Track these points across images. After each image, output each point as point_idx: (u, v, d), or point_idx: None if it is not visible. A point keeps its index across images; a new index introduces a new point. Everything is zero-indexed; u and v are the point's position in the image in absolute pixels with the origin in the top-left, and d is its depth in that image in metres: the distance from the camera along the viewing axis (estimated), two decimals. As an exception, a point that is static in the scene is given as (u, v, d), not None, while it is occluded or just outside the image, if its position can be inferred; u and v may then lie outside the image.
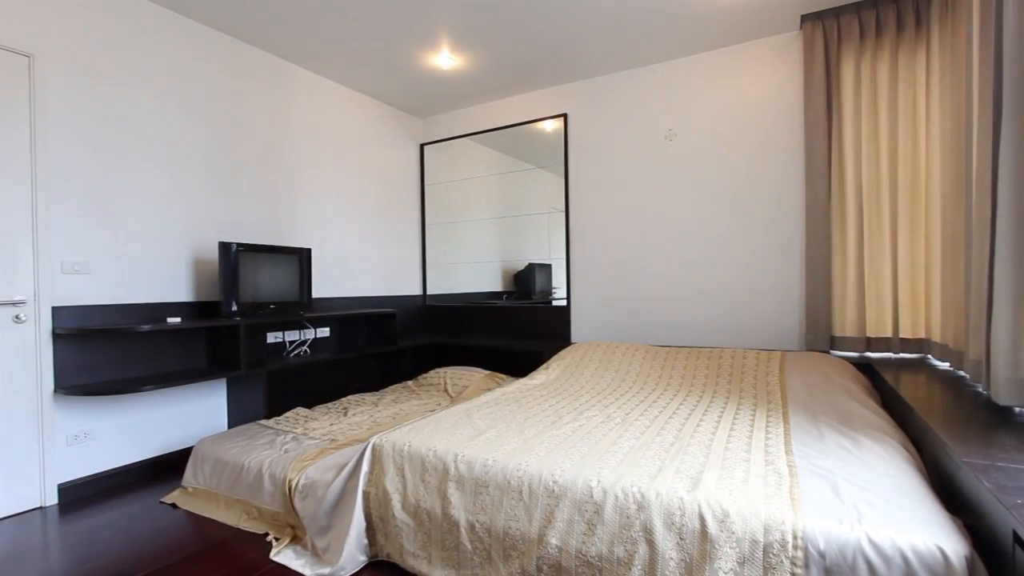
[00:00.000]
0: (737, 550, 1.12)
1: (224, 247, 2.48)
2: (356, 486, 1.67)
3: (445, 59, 3.06)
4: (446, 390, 3.09)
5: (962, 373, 2.03)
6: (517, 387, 2.45)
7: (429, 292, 4.11)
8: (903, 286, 2.45)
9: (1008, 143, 1.38)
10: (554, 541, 1.32)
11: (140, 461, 2.38)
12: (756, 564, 1.11)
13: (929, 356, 2.41)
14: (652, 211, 3.19)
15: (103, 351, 2.25)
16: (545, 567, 1.33)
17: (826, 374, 2.19)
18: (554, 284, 3.60)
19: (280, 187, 3.03)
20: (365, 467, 1.69)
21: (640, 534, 1.23)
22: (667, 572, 1.18)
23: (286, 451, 2.04)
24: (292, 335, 3.04)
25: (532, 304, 3.69)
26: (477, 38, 2.82)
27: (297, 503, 1.76)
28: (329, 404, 2.82)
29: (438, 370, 3.36)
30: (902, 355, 2.48)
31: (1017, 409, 1.47)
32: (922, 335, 2.42)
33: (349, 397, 2.95)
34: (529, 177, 3.71)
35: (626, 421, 1.85)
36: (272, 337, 2.94)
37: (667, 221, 3.14)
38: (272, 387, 2.88)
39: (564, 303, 3.50)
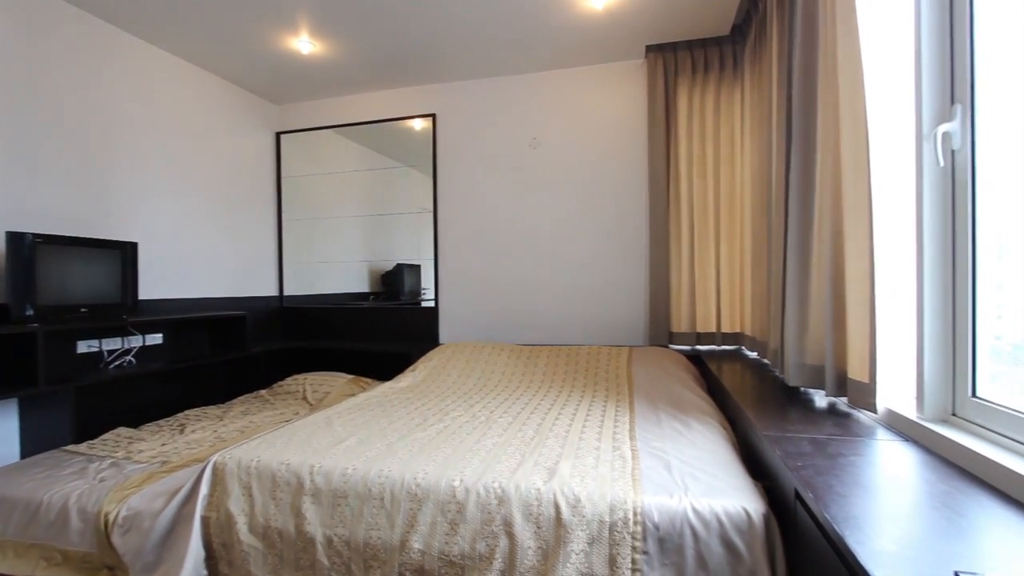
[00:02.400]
0: (587, 532, 1.22)
1: (15, 238, 2.04)
2: (193, 512, 1.49)
3: (304, 44, 2.86)
4: (305, 398, 2.89)
5: (766, 361, 2.43)
6: (382, 391, 2.39)
7: (287, 293, 3.80)
8: (724, 288, 2.86)
9: (796, 172, 1.69)
10: (417, 545, 1.31)
11: None
12: (603, 542, 1.21)
13: (743, 347, 2.85)
14: (518, 215, 3.32)
15: None
16: (408, 573, 1.31)
17: (664, 366, 2.47)
18: (423, 285, 3.57)
19: (99, 170, 2.57)
20: (204, 489, 1.51)
21: (501, 528, 1.27)
22: (526, 561, 1.23)
23: (102, 480, 1.74)
24: (113, 343, 2.60)
25: (400, 305, 3.61)
26: (339, 26, 2.69)
27: (116, 539, 1.51)
28: (162, 421, 2.47)
29: (296, 377, 3.13)
30: (723, 347, 2.89)
31: (802, 389, 1.80)
32: (738, 330, 2.85)
33: (188, 412, 2.62)
34: (399, 175, 3.63)
35: (490, 419, 1.90)
36: (86, 346, 2.48)
37: (532, 225, 3.30)
38: (84, 405, 2.43)
39: (433, 304, 3.48)
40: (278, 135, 3.78)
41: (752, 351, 2.60)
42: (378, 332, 3.60)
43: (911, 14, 1.25)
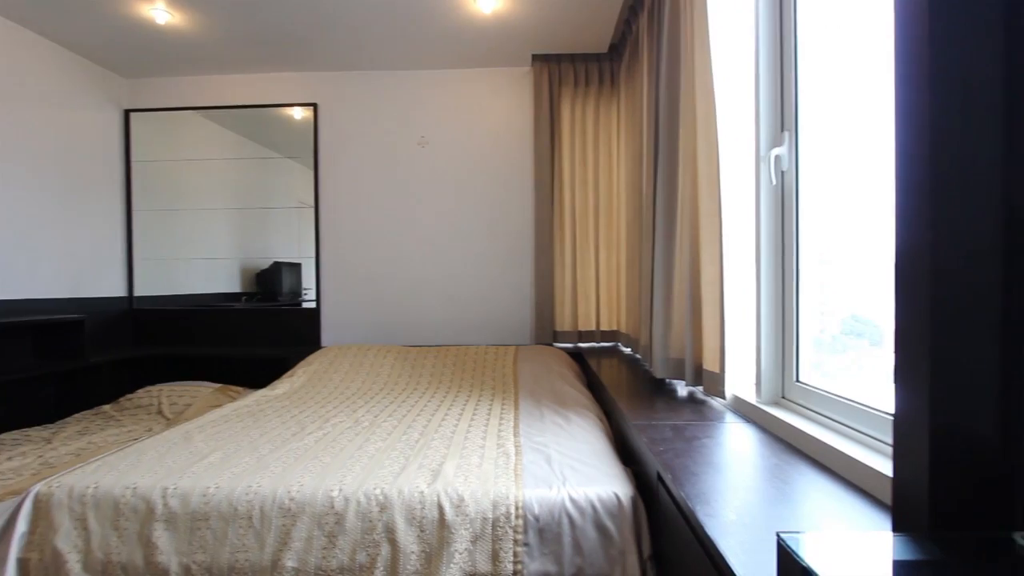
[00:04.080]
0: (470, 530, 1.23)
1: None
2: (6, 555, 1.25)
3: (160, 13, 2.54)
4: (161, 412, 2.57)
5: (638, 356, 2.64)
6: (254, 399, 2.20)
7: (138, 293, 3.34)
8: (603, 289, 3.06)
9: (661, 184, 1.86)
10: (290, 563, 1.22)
11: None
12: (486, 539, 1.23)
13: (619, 344, 3.06)
14: (406, 214, 3.25)
15: None
16: (280, 594, 1.22)
17: (547, 363, 2.58)
18: (304, 285, 3.35)
19: None
20: (22, 526, 1.28)
21: (383, 535, 1.23)
22: (408, 567, 1.21)
23: None
24: None
25: (278, 307, 3.35)
26: (205, -2, 2.43)
27: None
28: (-37, 449, 2.04)
29: (150, 388, 2.76)
30: (602, 344, 3.09)
31: (667, 380, 1.98)
32: (615, 328, 3.06)
33: (2, 435, 2.20)
34: (276, 167, 3.37)
35: (374, 424, 1.84)
36: None
37: (420, 225, 3.25)
38: None
39: (314, 305, 3.29)
40: (127, 112, 3.31)
41: (627, 347, 2.81)
42: (252, 336, 3.31)
43: (752, 53, 1.44)
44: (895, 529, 0.74)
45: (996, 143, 0.66)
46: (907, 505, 0.70)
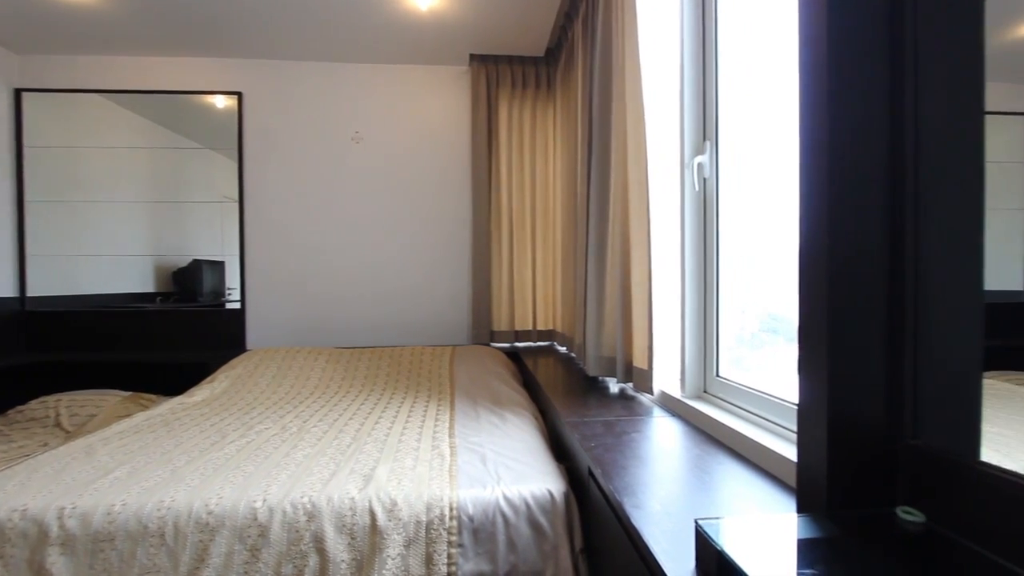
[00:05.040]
0: (403, 535, 1.21)
1: None
2: None
3: (60, -15, 2.31)
4: (59, 424, 2.34)
5: (573, 355, 2.70)
6: (169, 408, 2.04)
7: (31, 294, 3.01)
8: (539, 289, 3.10)
9: (595, 187, 1.91)
10: (208, 581, 1.15)
11: None
12: (420, 543, 1.21)
13: (555, 343, 3.12)
14: (339, 212, 3.14)
15: None
16: (196, 614, 1.14)
17: (484, 363, 2.58)
18: (229, 285, 3.15)
19: None
20: None
21: (311, 545, 1.19)
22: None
23: None
24: None
25: (198, 308, 3.13)
26: (113, -27, 2.23)
27: None
28: None
29: (46, 399, 2.50)
30: (539, 343, 3.14)
31: (600, 378, 2.04)
32: (551, 327, 3.11)
33: None
34: (197, 158, 3.14)
35: (303, 429, 1.76)
36: None
37: (355, 223, 3.15)
38: None
39: (239, 306, 3.10)
40: (18, 92, 2.98)
41: (563, 347, 2.86)
42: (168, 339, 3.08)
43: (678, 66, 1.52)
44: (799, 510, 0.81)
45: (883, 158, 0.73)
46: (809, 488, 0.77)
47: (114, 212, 3.09)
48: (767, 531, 0.68)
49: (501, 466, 1.40)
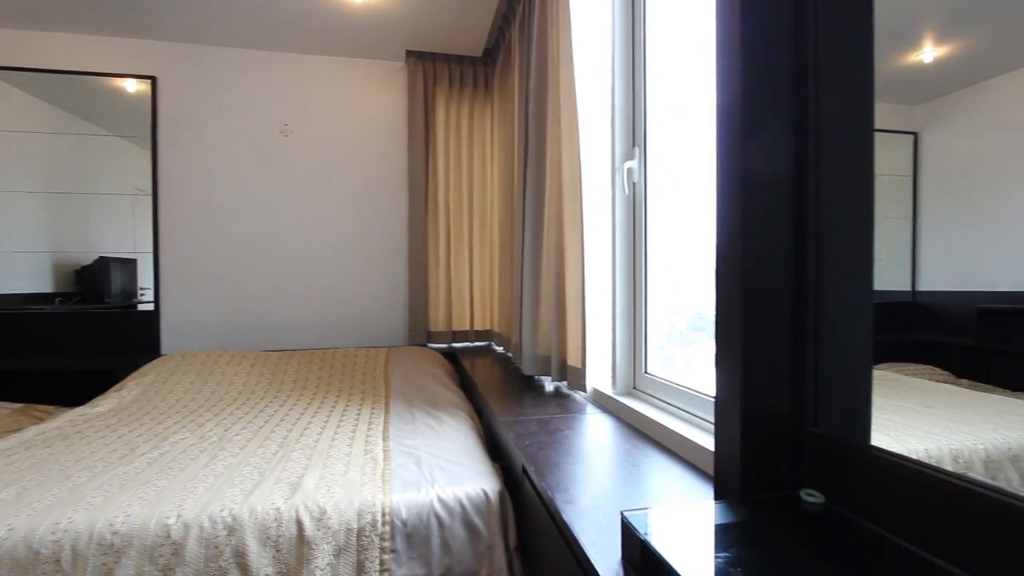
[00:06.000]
0: (333, 543, 1.16)
1: None
2: None
3: (-67, -55, 2.04)
4: (-69, 442, 2.05)
5: (509, 354, 2.72)
6: (68, 419, 1.86)
7: (-103, 295, 2.64)
8: (476, 289, 3.10)
9: (531, 188, 1.93)
10: (112, 607, 1.05)
11: None
12: (351, 551, 1.17)
13: (492, 343, 3.13)
14: (266, 207, 2.99)
15: None
16: (98, 644, 1.05)
17: (420, 365, 2.54)
18: (141, 284, 2.91)
19: None
20: None
21: (231, 561, 1.12)
22: (261, 591, 1.11)
23: None
24: None
25: (106, 309, 2.87)
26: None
27: None
28: None
29: (-86, 414, 2.19)
30: (476, 343, 3.13)
31: (536, 377, 2.07)
32: (489, 327, 3.12)
33: None
34: (104, 146, 2.88)
35: (224, 438, 1.66)
36: None
37: (283, 220, 3.01)
38: None
39: (152, 307, 2.87)
40: None
41: (499, 346, 2.88)
42: (70, 344, 2.80)
43: (609, 73, 1.57)
44: (716, 497, 0.85)
45: (790, 166, 0.79)
46: (725, 475, 0.81)
47: (5, 203, 2.77)
48: (687, 519, 0.72)
49: (436, 468, 1.39)
